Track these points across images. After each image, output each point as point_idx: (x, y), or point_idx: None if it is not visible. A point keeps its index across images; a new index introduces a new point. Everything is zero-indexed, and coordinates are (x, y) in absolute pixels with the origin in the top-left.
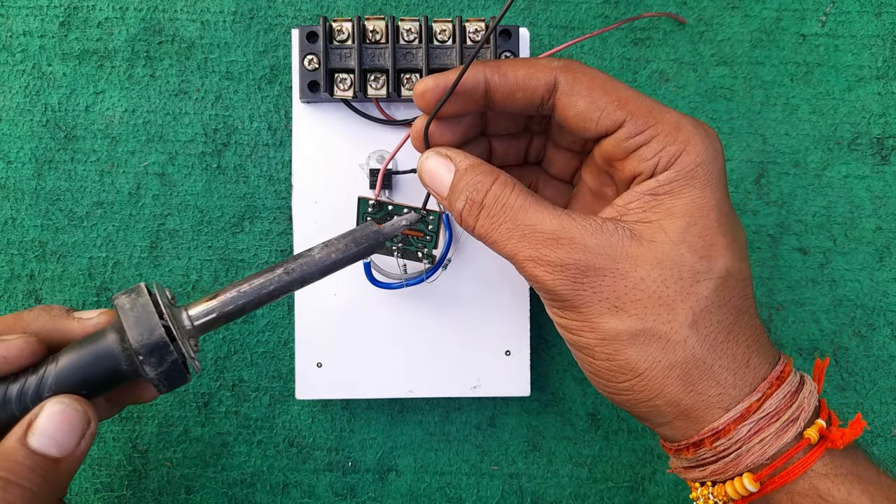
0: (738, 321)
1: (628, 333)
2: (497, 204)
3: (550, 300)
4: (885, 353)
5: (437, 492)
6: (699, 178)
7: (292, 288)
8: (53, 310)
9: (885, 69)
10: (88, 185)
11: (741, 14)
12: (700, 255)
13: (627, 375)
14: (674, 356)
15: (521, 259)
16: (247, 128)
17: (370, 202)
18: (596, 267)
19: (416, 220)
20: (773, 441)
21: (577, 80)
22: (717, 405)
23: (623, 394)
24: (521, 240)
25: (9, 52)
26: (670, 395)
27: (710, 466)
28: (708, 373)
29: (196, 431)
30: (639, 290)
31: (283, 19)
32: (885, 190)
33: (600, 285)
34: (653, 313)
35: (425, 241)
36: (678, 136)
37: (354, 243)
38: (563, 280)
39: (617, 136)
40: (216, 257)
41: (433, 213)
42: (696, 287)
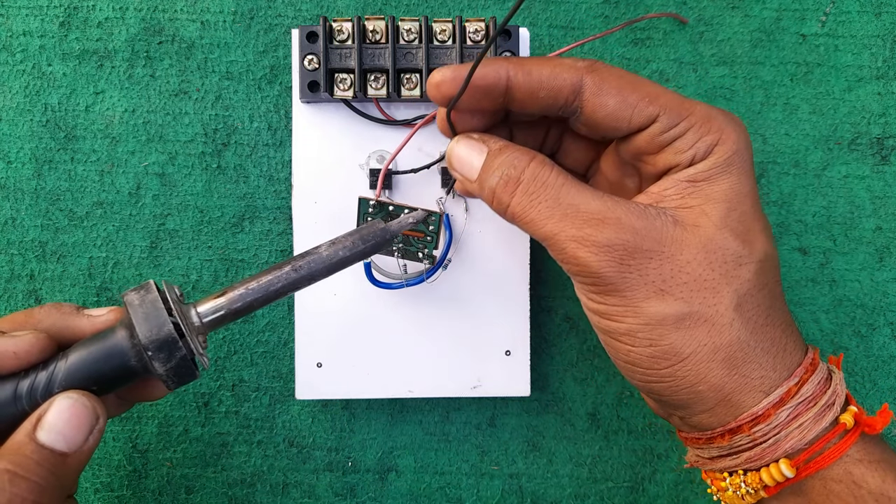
0: (774, 305)
1: (674, 317)
2: (536, 181)
3: (591, 284)
4: (885, 353)
5: (437, 492)
6: (736, 165)
7: (300, 285)
8: (64, 307)
9: (885, 69)
10: (88, 185)
11: (741, 14)
12: (742, 240)
13: (671, 361)
14: (719, 339)
15: (562, 239)
16: (247, 128)
17: (370, 202)
18: (644, 249)
19: (422, 217)
20: (812, 426)
21: (604, 80)
22: (758, 388)
23: (664, 380)
24: (563, 219)
25: (9, 52)
26: (714, 380)
27: (745, 454)
28: (751, 356)
29: (196, 431)
30: (685, 274)
31: (283, 19)
32: (885, 190)
33: (647, 268)
34: (698, 297)
35: (426, 242)
36: (712, 126)
37: (362, 240)
38: (609, 262)
39: (650, 131)
40: (216, 257)
41: (434, 213)
42: (740, 270)
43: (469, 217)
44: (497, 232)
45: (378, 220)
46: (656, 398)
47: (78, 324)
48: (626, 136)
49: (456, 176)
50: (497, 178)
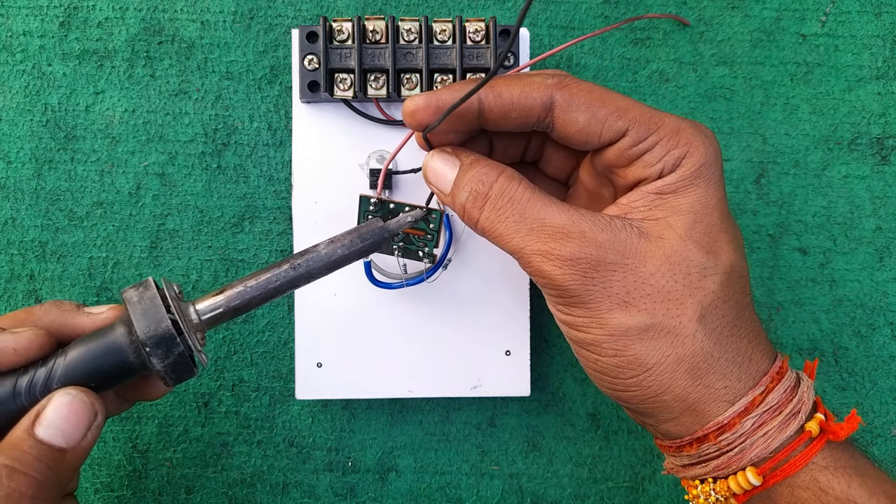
0: (740, 316)
1: (638, 328)
2: (503, 196)
3: (557, 296)
4: (885, 353)
5: (437, 492)
6: (703, 177)
7: (298, 283)
8: (64, 304)
9: (885, 69)
10: (88, 185)
11: (741, 14)
12: (706, 251)
13: (635, 371)
14: (683, 350)
15: (527, 253)
16: (247, 128)
17: (371, 200)
18: (606, 262)
19: (421, 215)
20: (777, 434)
21: (574, 95)
22: (722, 398)
23: (630, 390)
24: (529, 233)
25: (9, 52)
26: (678, 390)
27: (712, 462)
28: (715, 366)
29: (196, 431)
30: (648, 286)
31: (283, 19)
32: (885, 190)
33: (610, 280)
34: (662, 308)
35: (426, 241)
36: (680, 139)
37: (360, 239)
38: (573, 275)
39: (620, 145)
40: (216, 257)
41: (435, 211)
42: (704, 282)
43: None
44: None
45: (377, 219)
46: (625, 406)
47: (78, 321)
48: (599, 150)
49: (432, 189)
50: (466, 194)
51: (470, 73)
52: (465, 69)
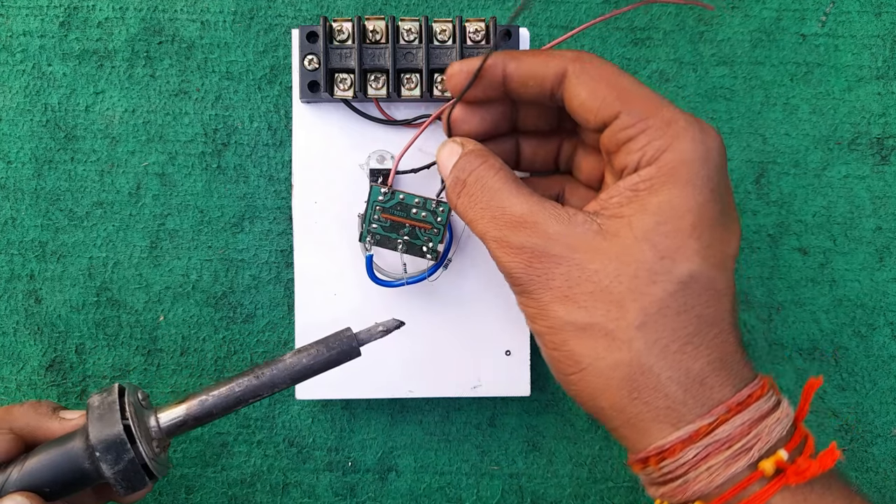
0: (699, 333)
1: (575, 325)
2: (477, 184)
3: (511, 284)
4: (885, 353)
5: (437, 492)
6: (681, 176)
7: (262, 393)
8: (42, 407)
9: (885, 69)
10: (88, 185)
11: (741, 14)
12: (661, 256)
13: (572, 368)
14: (618, 356)
15: (487, 239)
16: (247, 128)
17: (382, 191)
18: (551, 254)
19: (393, 326)
20: (722, 470)
21: (584, 70)
22: (664, 420)
23: (570, 387)
24: (492, 221)
25: (9, 52)
26: (613, 399)
27: (660, 488)
28: (654, 382)
29: (196, 431)
30: (591, 283)
31: (283, 19)
32: (885, 190)
33: (553, 272)
34: (602, 308)
35: (432, 235)
36: (668, 130)
37: (327, 348)
38: (518, 263)
39: (612, 127)
40: (216, 257)
41: (444, 204)
42: (651, 287)
43: None
44: None
45: (347, 328)
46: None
47: (50, 426)
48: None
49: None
50: (451, 180)
51: None
52: None
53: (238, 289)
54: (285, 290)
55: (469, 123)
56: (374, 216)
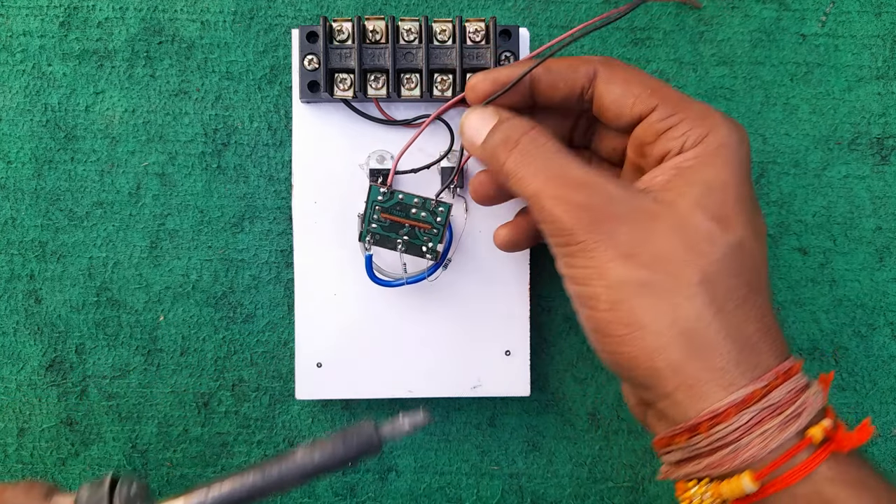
0: (749, 297)
1: (636, 282)
2: (533, 143)
3: (564, 244)
4: (885, 353)
5: (437, 492)
6: (722, 156)
7: (268, 492)
8: (34, 490)
9: (885, 69)
10: (88, 185)
11: (741, 14)
12: (714, 222)
13: (630, 328)
14: (679, 312)
15: (543, 197)
16: (247, 128)
17: (381, 190)
18: (615, 213)
19: (422, 423)
20: (776, 435)
21: (614, 71)
22: (718, 382)
23: (624, 349)
24: (548, 180)
25: (9, 52)
26: (672, 356)
27: (705, 459)
28: (713, 340)
29: (196, 431)
30: (652, 244)
31: (283, 19)
32: (885, 190)
33: (616, 231)
34: (663, 267)
35: (431, 235)
36: (705, 121)
37: (344, 444)
38: (580, 220)
39: (649, 119)
40: (216, 257)
41: (443, 204)
42: (708, 249)
43: (469, 217)
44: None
45: (368, 421)
46: (624, 377)
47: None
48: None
49: (464, 141)
50: (499, 138)
51: (470, 73)
52: (465, 69)
53: (238, 289)
54: (285, 290)
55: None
56: (374, 216)
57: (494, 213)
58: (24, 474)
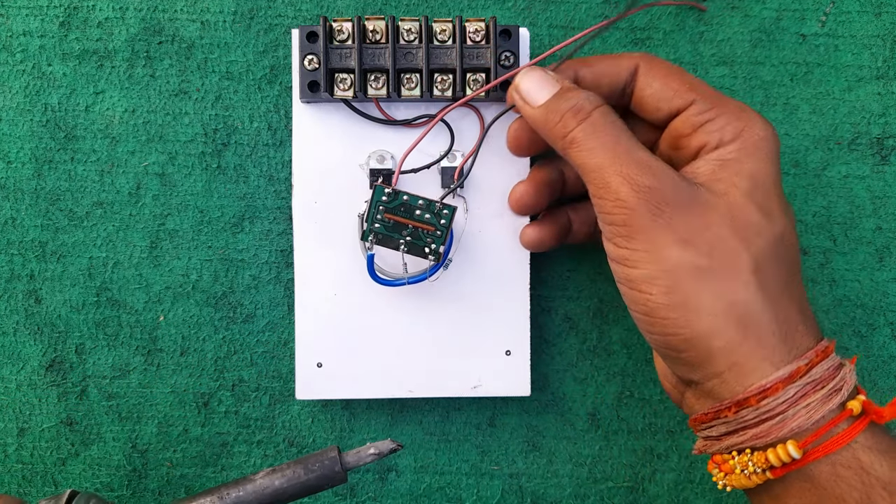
0: (790, 283)
1: (694, 267)
2: (604, 119)
3: (622, 224)
4: (885, 353)
5: (437, 492)
6: (762, 150)
7: None
8: None
9: (885, 69)
10: (88, 185)
11: (741, 14)
12: (763, 213)
13: (686, 311)
14: (735, 296)
15: (609, 172)
16: (247, 128)
17: (386, 190)
18: (677, 200)
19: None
20: (820, 406)
21: (655, 66)
22: (768, 359)
23: (679, 331)
24: (617, 156)
25: (9, 52)
26: (727, 338)
27: (751, 430)
28: (764, 322)
29: (196, 431)
30: (709, 232)
31: (283, 19)
32: (885, 190)
33: (676, 217)
34: (719, 254)
35: (434, 237)
36: (742, 115)
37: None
38: (644, 202)
39: (687, 112)
40: (216, 257)
41: (448, 206)
42: (759, 239)
43: (469, 217)
44: (497, 232)
45: (333, 447)
46: (673, 358)
47: None
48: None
49: (517, 98)
50: (571, 105)
51: (470, 73)
52: (465, 69)
53: (238, 289)
54: (285, 290)
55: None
56: (378, 216)
57: (495, 213)
58: (24, 474)
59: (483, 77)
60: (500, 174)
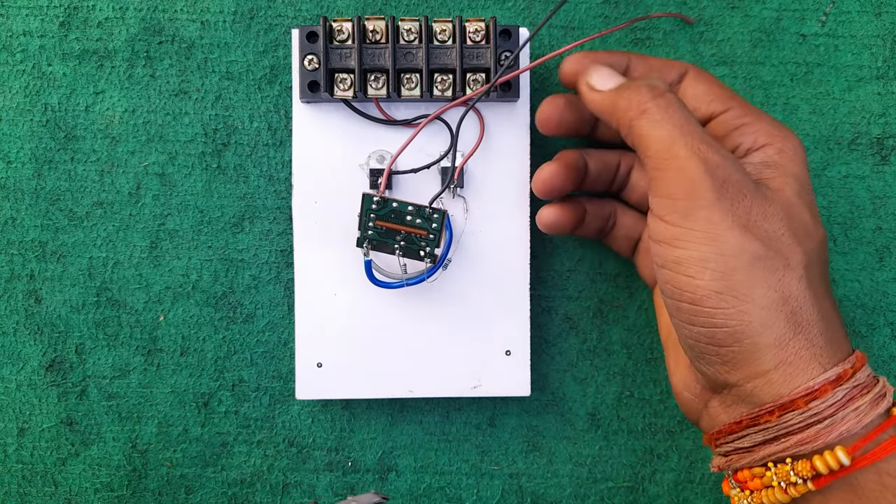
0: (829, 287)
1: (751, 254)
2: (676, 100)
3: (684, 197)
4: (885, 353)
5: (437, 492)
6: (800, 158)
7: None
8: None
9: (885, 69)
10: (88, 185)
11: (741, 14)
12: (811, 214)
13: (738, 299)
14: (789, 290)
15: (679, 143)
16: (247, 128)
17: (374, 199)
18: (741, 184)
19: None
20: (868, 411)
21: (703, 74)
22: (817, 359)
23: (728, 323)
24: (687, 132)
25: (9, 52)
26: (778, 333)
27: (795, 436)
28: (813, 320)
29: (196, 431)
30: (768, 223)
31: (283, 19)
32: (885, 190)
33: (737, 201)
34: (775, 246)
35: (428, 240)
36: (776, 125)
37: None
38: (712, 179)
39: (724, 115)
40: (216, 257)
41: (438, 211)
42: (809, 240)
43: (469, 217)
44: (497, 232)
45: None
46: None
47: None
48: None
49: (587, 84)
50: (645, 84)
51: (470, 73)
52: (465, 69)
53: (238, 289)
54: (285, 290)
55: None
56: (369, 223)
57: (495, 213)
58: (24, 474)
59: (483, 77)
60: (500, 174)
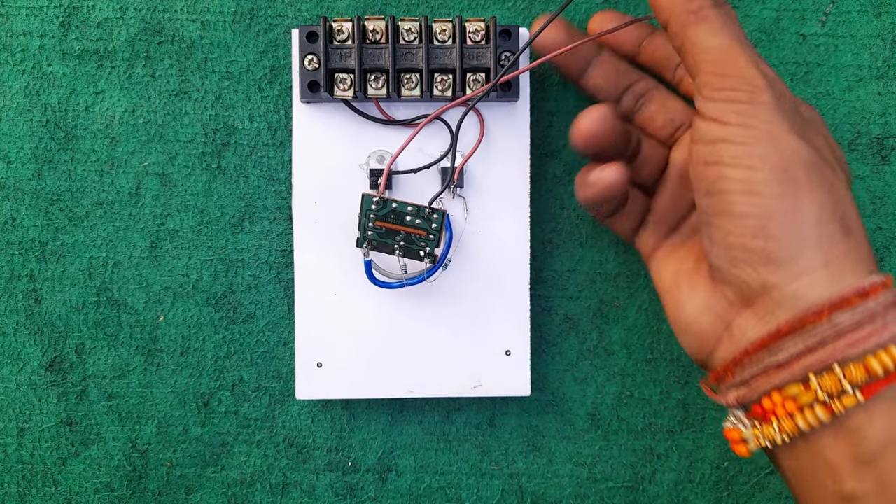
0: None
1: (808, 159)
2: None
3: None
4: None
5: (437, 492)
6: None
7: None
8: None
9: (885, 69)
10: (88, 185)
11: (741, 14)
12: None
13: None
14: (839, 195)
15: (739, 51)
16: (247, 128)
17: (374, 199)
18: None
19: None
20: None
21: None
22: (865, 261)
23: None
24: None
25: (9, 52)
26: (830, 230)
27: (845, 338)
28: (857, 228)
29: (196, 431)
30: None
31: (283, 19)
32: (885, 190)
33: (790, 113)
34: (827, 158)
35: (427, 241)
36: None
37: None
38: (769, 86)
39: None
40: (216, 257)
41: (437, 211)
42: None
43: (469, 217)
44: (497, 232)
45: None
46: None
47: None
48: None
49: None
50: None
51: (470, 73)
52: (465, 69)
53: (238, 289)
54: (285, 290)
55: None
56: (369, 224)
57: (495, 213)
58: (24, 474)
59: (483, 77)
60: (500, 174)
